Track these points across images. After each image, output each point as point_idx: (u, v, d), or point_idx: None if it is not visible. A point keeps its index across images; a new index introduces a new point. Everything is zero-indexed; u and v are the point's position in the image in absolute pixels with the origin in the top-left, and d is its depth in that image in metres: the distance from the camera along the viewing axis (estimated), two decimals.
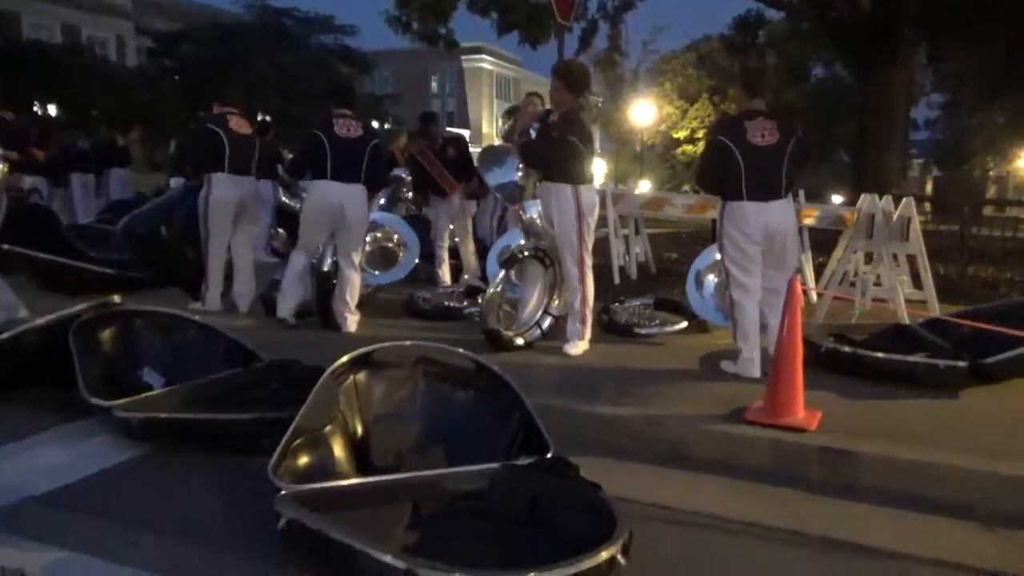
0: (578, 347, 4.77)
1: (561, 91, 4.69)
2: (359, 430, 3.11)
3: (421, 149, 6.76)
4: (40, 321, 3.90)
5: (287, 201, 8.92)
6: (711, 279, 5.68)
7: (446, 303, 6.00)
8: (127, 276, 6.49)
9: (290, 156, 7.39)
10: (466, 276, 6.85)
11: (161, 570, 2.43)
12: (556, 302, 5.12)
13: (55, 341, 3.79)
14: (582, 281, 4.75)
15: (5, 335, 3.83)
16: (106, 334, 4.04)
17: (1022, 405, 3.97)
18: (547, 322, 5.04)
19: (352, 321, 5.32)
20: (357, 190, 5.19)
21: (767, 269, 4.33)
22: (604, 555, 2.22)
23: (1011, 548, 2.68)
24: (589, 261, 4.80)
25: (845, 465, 3.26)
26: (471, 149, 7.34)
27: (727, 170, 4.21)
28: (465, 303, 6.02)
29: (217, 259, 5.85)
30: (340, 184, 5.12)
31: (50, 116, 22.62)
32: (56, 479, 3.07)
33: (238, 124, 5.79)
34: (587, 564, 2.19)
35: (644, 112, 26.19)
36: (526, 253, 4.97)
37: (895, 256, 6.11)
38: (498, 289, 5.01)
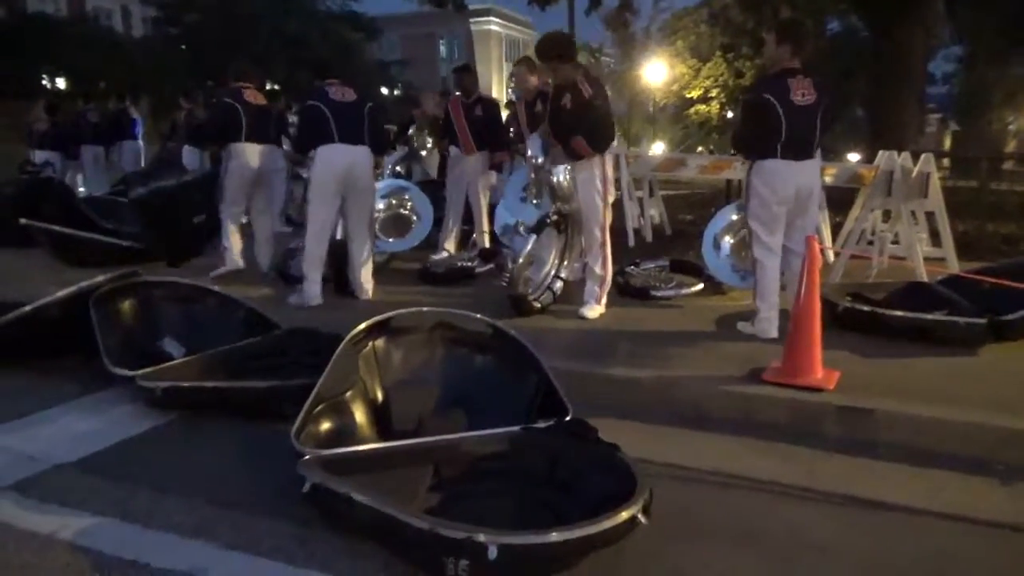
0: (595, 310, 4.79)
1: (561, 67, 4.67)
2: (379, 395, 3.15)
3: (454, 101, 6.65)
4: (61, 293, 3.94)
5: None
6: (727, 241, 5.65)
7: (459, 264, 6.03)
8: (142, 248, 6.53)
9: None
10: (474, 236, 6.76)
11: (189, 533, 2.48)
12: (566, 265, 5.12)
13: (76, 312, 3.84)
14: (603, 245, 4.78)
15: (28, 307, 3.88)
16: (126, 305, 4.09)
17: None
18: (558, 285, 5.04)
19: (368, 288, 5.33)
20: (363, 151, 5.14)
21: (790, 230, 4.30)
22: (625, 515, 2.25)
23: None
24: (608, 225, 4.83)
25: (863, 423, 3.27)
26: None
27: (767, 128, 4.13)
28: (477, 262, 6.04)
29: (234, 224, 6.08)
30: (346, 146, 5.05)
31: (59, 89, 22.62)
32: (84, 446, 3.13)
33: (253, 96, 5.97)
34: (608, 523, 2.22)
35: (656, 71, 25.82)
36: (553, 218, 4.94)
37: (913, 213, 6.04)
38: (527, 255, 4.98)
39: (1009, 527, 2.52)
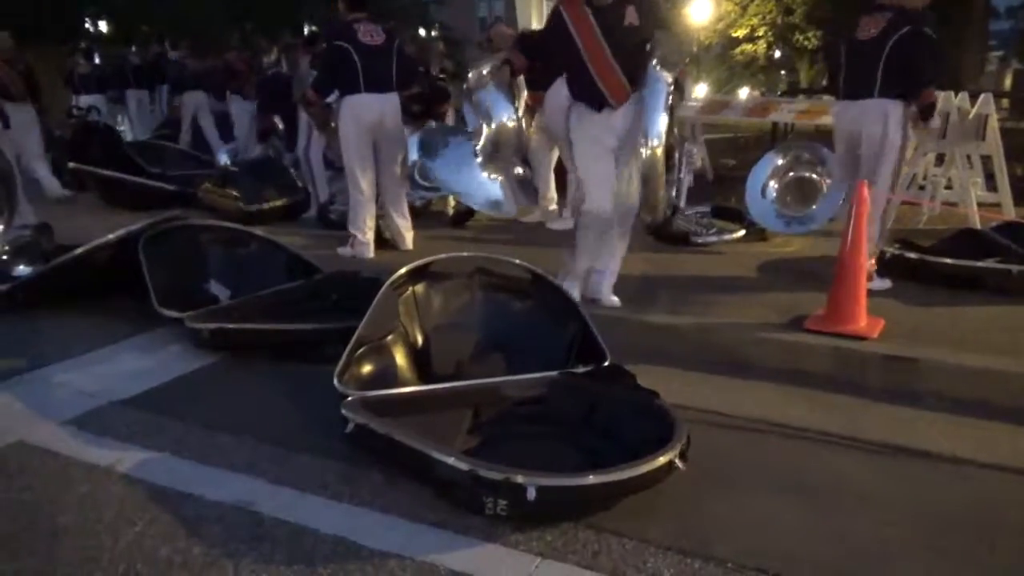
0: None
1: None
2: (419, 339, 3.19)
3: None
4: (111, 236, 4.04)
5: None
6: (772, 186, 5.52)
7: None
8: (187, 192, 6.64)
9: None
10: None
11: (239, 468, 2.58)
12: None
13: (126, 255, 3.95)
14: None
15: (80, 250, 4.00)
16: (173, 248, 4.17)
17: None
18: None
19: (408, 238, 5.27)
20: (392, 99, 4.95)
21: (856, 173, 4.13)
22: (662, 459, 2.28)
23: None
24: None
25: (907, 372, 3.22)
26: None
27: (837, 67, 4.16)
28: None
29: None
30: (374, 95, 4.84)
31: (101, 33, 22.74)
32: (138, 384, 3.25)
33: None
34: (645, 468, 2.25)
35: (702, 9, 24.90)
36: None
37: (969, 157, 5.82)
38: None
39: None
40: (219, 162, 8.11)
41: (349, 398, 2.67)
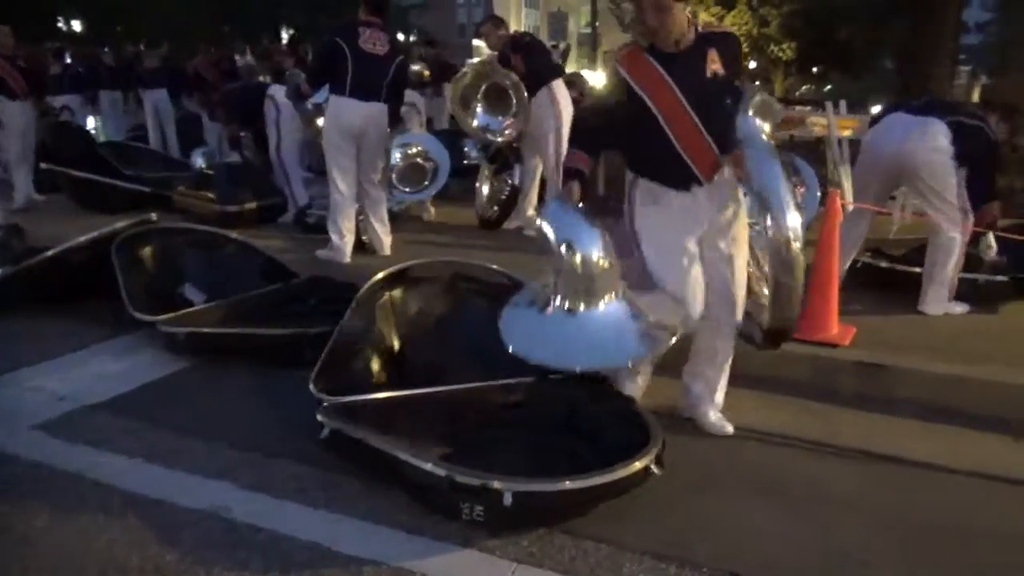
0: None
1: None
2: (396, 345, 3.18)
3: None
4: (82, 238, 3.99)
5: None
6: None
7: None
8: (162, 194, 6.56)
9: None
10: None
11: (212, 474, 2.55)
12: None
13: (99, 257, 3.90)
14: None
15: (52, 251, 3.94)
16: (147, 251, 4.13)
17: None
18: None
19: (386, 243, 5.23)
20: (377, 110, 4.80)
21: None
22: (638, 464, 2.29)
23: None
24: None
25: (879, 379, 3.27)
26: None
27: None
28: None
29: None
30: (359, 103, 4.72)
31: (75, 32, 22.46)
32: (111, 388, 3.22)
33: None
34: (621, 473, 2.26)
35: None
36: None
37: None
38: None
39: (1021, 484, 2.54)
40: (194, 164, 8.03)
41: (325, 403, 2.65)
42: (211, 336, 3.52)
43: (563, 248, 2.59)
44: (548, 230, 2.65)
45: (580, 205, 2.65)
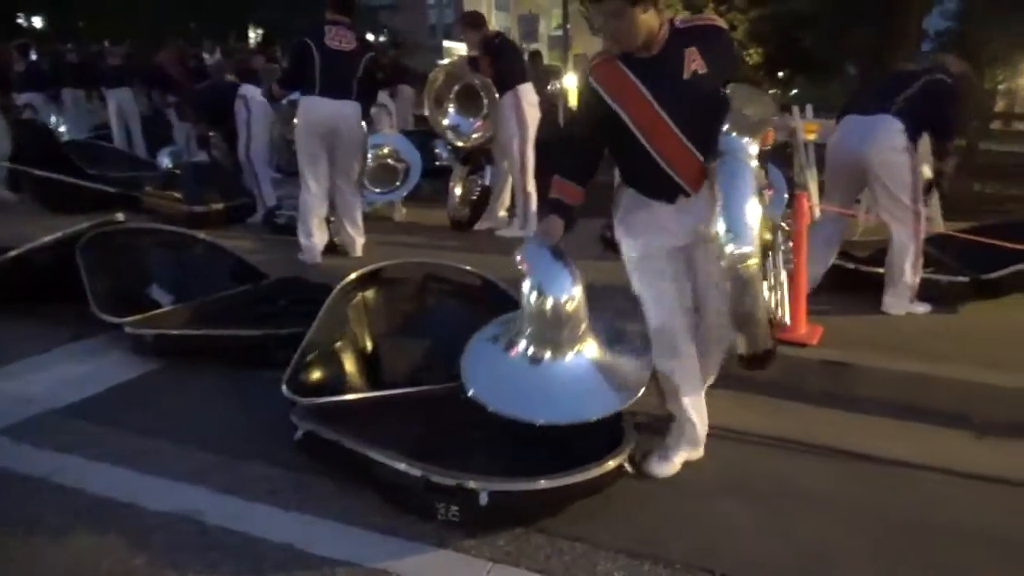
0: None
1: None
2: (369, 346, 3.17)
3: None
4: (46, 239, 3.91)
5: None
6: None
7: None
8: (128, 194, 6.46)
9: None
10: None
11: (183, 477, 2.52)
12: None
13: (63, 258, 3.82)
14: None
15: (15, 252, 3.86)
16: (113, 251, 4.05)
17: (1019, 318, 4.03)
18: None
19: (359, 244, 5.21)
20: (349, 107, 4.80)
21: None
22: (611, 463, 2.32)
23: (1003, 455, 2.78)
24: None
25: (846, 378, 3.33)
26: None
27: None
28: None
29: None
30: (330, 101, 4.72)
31: (35, 28, 21.98)
32: (77, 392, 3.16)
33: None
34: (595, 472, 2.28)
35: None
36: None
37: None
38: None
39: (987, 478, 2.61)
40: (160, 164, 7.91)
41: (298, 404, 2.63)
42: (179, 338, 3.48)
43: (534, 293, 2.47)
44: (522, 269, 2.51)
45: (558, 244, 2.49)
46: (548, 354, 2.51)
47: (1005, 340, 3.66)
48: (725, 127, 2.30)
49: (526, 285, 2.48)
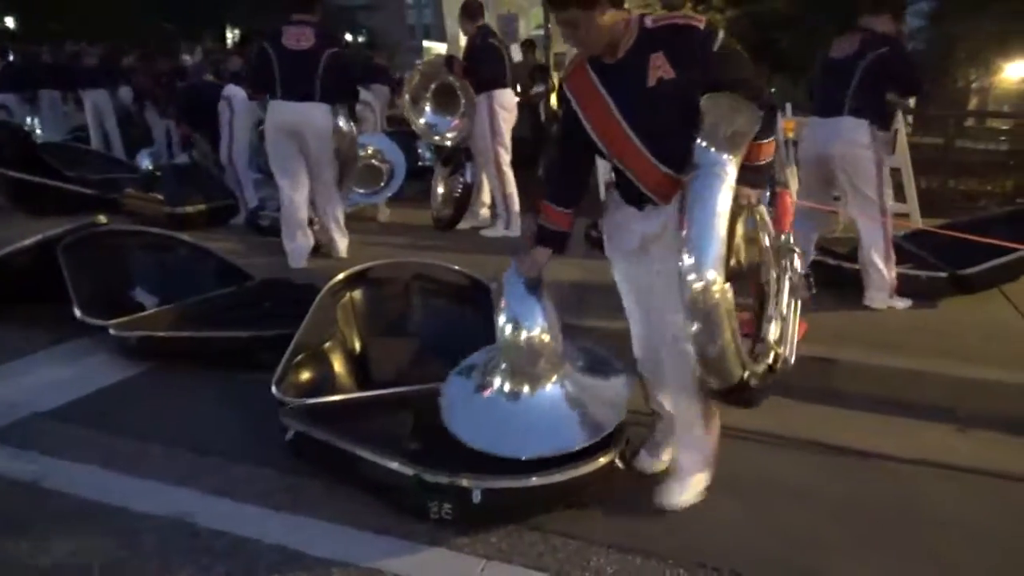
0: None
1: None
2: (358, 346, 3.17)
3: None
4: (27, 241, 3.86)
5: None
6: None
7: None
8: (107, 196, 6.39)
9: None
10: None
11: (173, 480, 2.50)
12: None
13: (45, 261, 3.78)
14: None
15: None
16: (96, 253, 4.01)
17: (997, 312, 4.11)
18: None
19: (343, 246, 5.17)
20: (312, 108, 4.64)
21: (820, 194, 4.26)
22: (603, 460, 2.33)
23: (984, 447, 2.83)
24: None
25: (830, 373, 3.38)
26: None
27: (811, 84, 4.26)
28: None
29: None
30: (291, 104, 4.61)
31: (7, 28, 21.63)
32: (62, 395, 3.13)
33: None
34: (586, 469, 2.30)
35: None
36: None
37: None
38: None
39: (969, 471, 2.66)
40: (140, 165, 7.83)
41: (287, 405, 2.63)
42: (165, 340, 3.45)
43: (508, 327, 2.42)
44: (500, 300, 2.47)
45: (536, 277, 2.45)
46: (526, 388, 2.46)
47: (984, 334, 3.73)
48: (703, 141, 2.05)
49: (501, 319, 2.44)
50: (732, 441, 2.88)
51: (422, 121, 5.79)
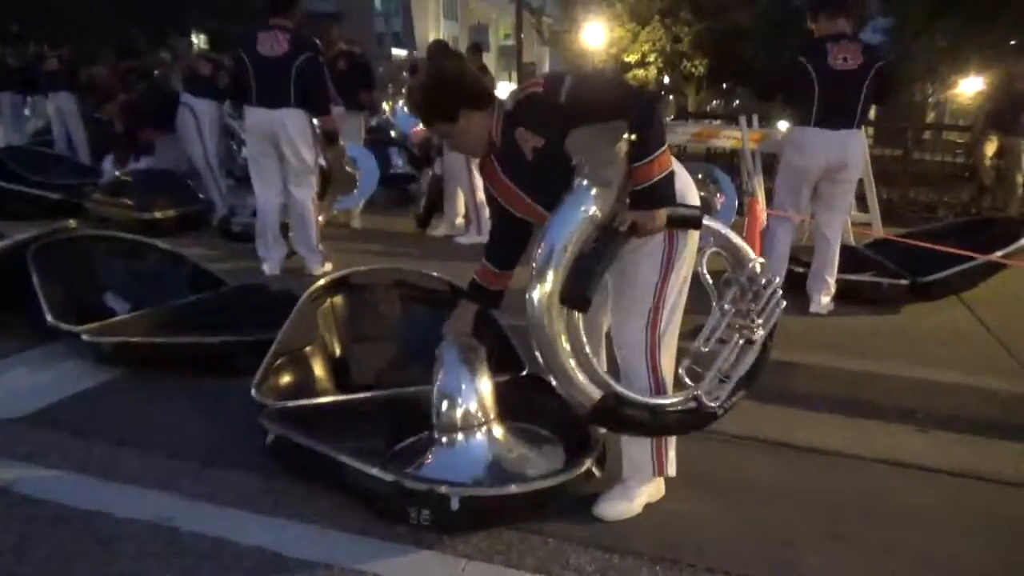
0: None
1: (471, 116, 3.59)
2: (338, 351, 3.18)
3: None
4: None
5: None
6: None
7: None
8: (72, 201, 6.30)
9: None
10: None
11: (151, 485, 2.49)
12: None
13: (13, 266, 3.72)
14: None
15: None
16: (66, 258, 3.96)
17: (957, 318, 4.26)
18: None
19: (316, 268, 5.01)
20: (288, 114, 4.63)
21: (820, 208, 4.28)
22: (580, 468, 2.39)
23: (943, 446, 2.94)
24: None
25: (794, 376, 3.48)
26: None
27: (801, 93, 4.03)
28: None
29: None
30: (266, 111, 4.62)
31: None
32: (34, 401, 3.08)
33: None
34: (564, 477, 2.35)
35: (595, 34, 25.77)
36: None
37: None
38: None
39: (929, 468, 2.76)
40: (105, 170, 7.73)
41: (269, 409, 2.64)
42: (139, 346, 3.42)
43: (444, 403, 2.51)
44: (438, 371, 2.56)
45: (468, 338, 2.61)
46: (459, 436, 2.51)
47: (943, 339, 3.87)
48: (577, 179, 2.10)
49: (434, 393, 2.54)
50: (705, 442, 2.95)
51: (389, 114, 5.93)
